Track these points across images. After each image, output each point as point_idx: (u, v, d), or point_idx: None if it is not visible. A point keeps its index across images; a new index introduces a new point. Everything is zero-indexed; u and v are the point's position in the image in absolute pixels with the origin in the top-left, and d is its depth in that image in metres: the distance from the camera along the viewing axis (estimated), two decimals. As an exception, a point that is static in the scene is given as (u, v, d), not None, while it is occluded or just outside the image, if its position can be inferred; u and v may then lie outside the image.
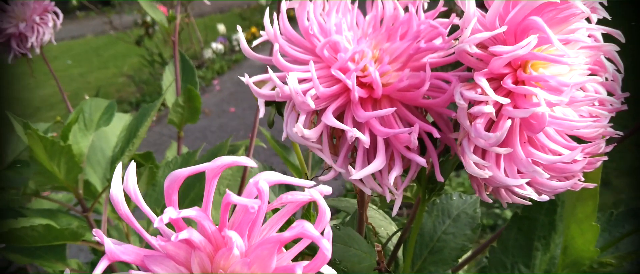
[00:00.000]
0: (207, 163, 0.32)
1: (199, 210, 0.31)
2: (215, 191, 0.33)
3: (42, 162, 0.69)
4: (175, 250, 0.31)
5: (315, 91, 0.42)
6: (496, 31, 0.40)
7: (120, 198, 0.32)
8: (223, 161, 0.32)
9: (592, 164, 0.46)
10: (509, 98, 0.42)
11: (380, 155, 0.43)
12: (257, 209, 0.31)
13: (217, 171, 0.32)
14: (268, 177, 0.32)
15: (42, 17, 1.17)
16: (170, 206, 0.32)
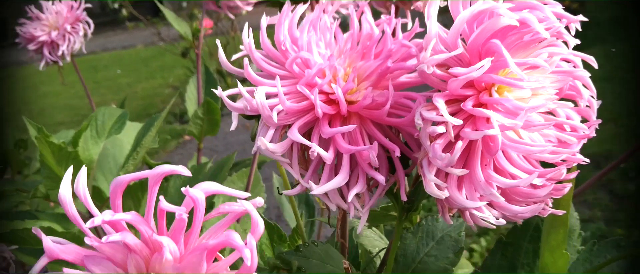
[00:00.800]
0: (148, 171, 0.34)
1: (136, 214, 0.33)
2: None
3: (51, 166, 0.72)
4: (113, 252, 0.33)
5: (281, 105, 0.43)
6: (453, 53, 0.40)
7: (68, 199, 0.34)
8: (162, 169, 0.33)
9: (559, 191, 0.46)
10: (470, 120, 0.42)
11: (342, 172, 0.44)
12: (195, 216, 0.33)
13: (157, 179, 0.34)
14: (206, 187, 0.34)
15: (74, 26, 1.22)
16: (115, 209, 0.34)
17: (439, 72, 0.42)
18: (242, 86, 0.44)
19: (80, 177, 0.34)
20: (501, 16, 0.39)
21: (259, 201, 0.34)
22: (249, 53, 0.47)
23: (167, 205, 0.31)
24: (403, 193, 0.47)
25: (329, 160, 0.44)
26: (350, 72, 0.47)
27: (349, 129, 0.43)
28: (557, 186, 0.46)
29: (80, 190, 0.34)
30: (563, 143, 0.46)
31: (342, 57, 0.49)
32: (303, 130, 0.46)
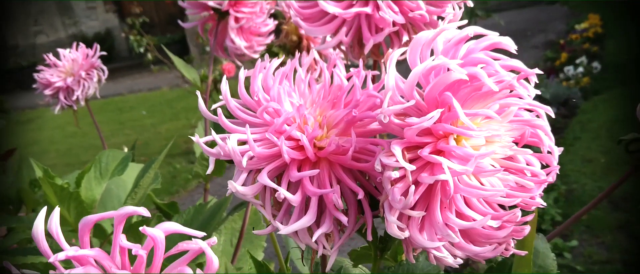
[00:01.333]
0: (114, 211, 0.37)
1: (100, 251, 0.36)
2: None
3: (53, 205, 0.76)
4: (79, 286, 0.36)
5: (251, 151, 0.47)
6: (406, 105, 0.43)
7: (41, 237, 0.37)
8: (125, 210, 0.36)
9: (519, 232, 0.48)
10: (428, 166, 0.45)
11: (309, 213, 0.47)
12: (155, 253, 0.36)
13: (121, 219, 0.37)
14: (165, 227, 0.37)
15: (89, 73, 1.27)
16: (82, 245, 0.37)
17: (397, 121, 0.45)
18: (216, 133, 0.48)
19: (54, 216, 0.37)
20: (452, 71, 0.42)
21: (212, 241, 0.37)
22: (225, 102, 0.50)
23: (125, 242, 0.34)
24: (369, 234, 0.49)
25: (295, 202, 0.47)
26: (321, 120, 0.50)
27: (313, 173, 0.46)
28: (516, 227, 0.48)
29: (52, 227, 0.37)
30: (523, 187, 0.48)
31: (313, 106, 0.52)
32: (274, 174, 0.50)
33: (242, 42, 1.21)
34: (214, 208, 0.89)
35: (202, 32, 1.26)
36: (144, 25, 6.88)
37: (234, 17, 1.19)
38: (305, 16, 0.57)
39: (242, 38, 1.22)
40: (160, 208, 1.18)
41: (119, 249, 0.36)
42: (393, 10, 0.53)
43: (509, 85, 0.45)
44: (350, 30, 0.56)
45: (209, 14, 1.23)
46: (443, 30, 0.47)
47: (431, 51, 0.47)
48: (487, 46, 0.47)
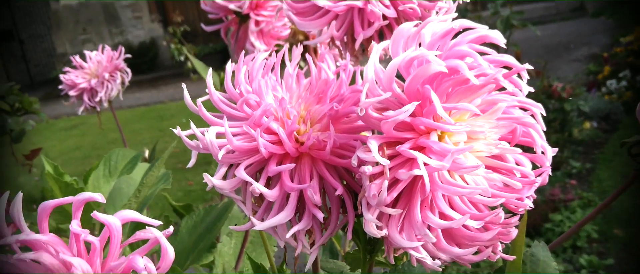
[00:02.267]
0: (72, 197, 0.36)
1: (53, 236, 0.35)
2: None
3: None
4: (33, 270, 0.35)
5: (230, 144, 0.46)
6: (382, 97, 0.42)
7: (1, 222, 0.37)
8: (83, 196, 0.36)
9: (506, 235, 0.46)
10: (408, 162, 0.43)
11: (287, 209, 0.46)
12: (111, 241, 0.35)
13: (79, 205, 0.36)
14: (123, 215, 0.36)
15: (112, 75, 1.29)
16: (41, 231, 0.37)
17: (375, 115, 0.43)
18: (195, 126, 0.47)
19: (16, 200, 0.37)
20: (431, 63, 0.41)
21: (169, 231, 0.36)
22: (209, 95, 0.50)
23: (76, 228, 0.33)
24: (349, 233, 0.48)
25: (271, 197, 0.45)
26: (304, 115, 0.49)
27: (289, 168, 0.45)
28: (502, 230, 0.46)
29: (14, 212, 0.37)
30: (510, 188, 0.46)
31: (299, 100, 0.51)
32: (256, 169, 0.49)
33: (262, 45, 1.21)
34: (221, 209, 0.89)
35: (224, 36, 1.26)
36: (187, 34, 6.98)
37: (255, 20, 1.19)
38: (298, 10, 0.56)
39: (262, 41, 1.21)
40: (177, 209, 1.18)
41: (74, 237, 0.35)
42: (383, 3, 0.52)
43: (494, 79, 0.43)
44: (342, 24, 0.55)
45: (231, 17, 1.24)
46: (428, 23, 0.45)
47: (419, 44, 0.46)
48: (474, 39, 0.45)
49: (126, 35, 11.23)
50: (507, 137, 0.48)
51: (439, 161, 0.41)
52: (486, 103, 0.46)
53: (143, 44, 10.96)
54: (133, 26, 11.36)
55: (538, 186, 0.48)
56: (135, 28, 11.35)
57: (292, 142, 0.47)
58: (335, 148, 0.48)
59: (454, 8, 0.54)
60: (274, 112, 0.48)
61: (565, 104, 3.34)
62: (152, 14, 11.44)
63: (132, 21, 11.36)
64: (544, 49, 6.61)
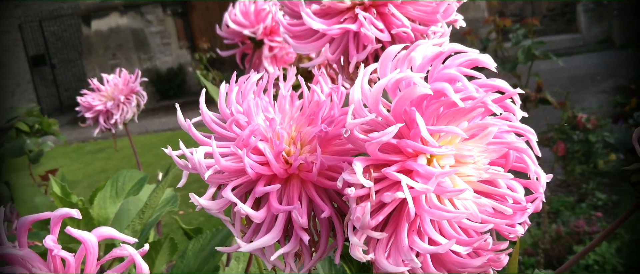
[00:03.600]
0: (50, 213, 0.36)
1: (30, 252, 0.35)
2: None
3: (65, 221, 0.77)
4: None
5: (217, 165, 0.46)
6: (366, 118, 0.41)
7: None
8: (60, 212, 0.36)
9: (497, 262, 0.45)
10: (395, 185, 0.43)
11: (273, 231, 0.46)
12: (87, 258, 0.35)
13: (56, 220, 0.36)
14: (100, 232, 0.36)
15: (128, 98, 1.30)
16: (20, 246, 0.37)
17: (362, 137, 0.43)
18: (185, 147, 0.47)
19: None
20: (416, 85, 0.41)
21: (144, 249, 0.36)
22: (201, 114, 0.50)
23: (49, 244, 0.34)
24: (337, 256, 0.47)
25: (257, 218, 0.45)
26: (295, 136, 0.49)
27: (274, 189, 0.45)
28: (493, 257, 0.45)
29: None
30: (500, 213, 0.45)
31: (291, 122, 0.51)
32: (245, 190, 0.49)
33: (275, 70, 1.22)
34: (227, 231, 0.88)
35: (239, 61, 1.27)
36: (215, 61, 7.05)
37: (268, 46, 1.20)
38: (294, 33, 0.56)
39: (276, 66, 1.22)
40: (188, 233, 1.18)
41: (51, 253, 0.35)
42: (376, 27, 0.52)
43: (482, 103, 0.43)
44: (337, 47, 0.55)
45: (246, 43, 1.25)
46: (417, 45, 0.45)
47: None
48: (464, 63, 0.45)
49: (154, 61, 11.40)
50: (500, 162, 0.48)
51: (423, 184, 0.40)
52: (477, 127, 0.45)
53: (171, 70, 11.11)
54: (161, 52, 11.53)
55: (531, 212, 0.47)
56: (164, 54, 11.53)
57: (280, 163, 0.47)
58: (324, 170, 0.48)
59: (449, 32, 0.54)
60: (263, 133, 0.48)
61: (590, 135, 3.29)
62: (181, 40, 11.62)
63: (160, 47, 11.54)
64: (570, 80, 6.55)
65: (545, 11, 10.52)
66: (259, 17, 1.14)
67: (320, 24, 0.53)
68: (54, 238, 0.35)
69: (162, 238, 0.86)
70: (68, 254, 0.34)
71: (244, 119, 0.48)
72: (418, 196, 0.41)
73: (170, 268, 1.11)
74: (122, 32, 11.02)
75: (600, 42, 8.90)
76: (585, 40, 9.25)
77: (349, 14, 0.55)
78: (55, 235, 0.37)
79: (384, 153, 0.43)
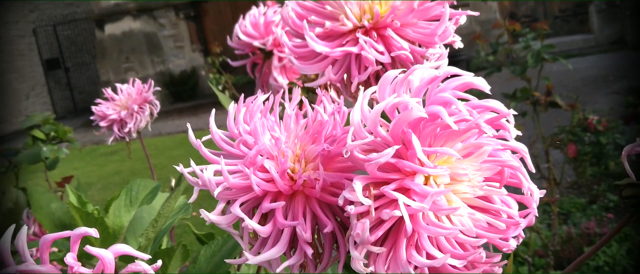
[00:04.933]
0: (70, 231, 0.39)
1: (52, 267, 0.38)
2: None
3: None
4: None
5: (226, 182, 0.49)
6: (365, 140, 0.44)
7: (6, 252, 0.40)
8: (79, 231, 0.39)
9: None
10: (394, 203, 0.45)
11: (279, 244, 0.48)
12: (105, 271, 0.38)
13: (76, 238, 0.39)
14: (116, 249, 0.39)
15: (141, 107, 1.34)
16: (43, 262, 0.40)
17: (362, 157, 0.45)
18: (195, 164, 0.50)
19: (21, 234, 0.40)
20: (411, 109, 0.43)
21: (157, 264, 0.39)
22: (211, 133, 0.53)
23: (70, 261, 0.36)
24: (340, 268, 0.50)
25: (263, 233, 0.48)
26: (299, 154, 0.52)
27: (279, 205, 0.47)
28: (487, 269, 0.48)
29: (19, 244, 0.40)
30: (494, 228, 0.48)
31: (296, 140, 0.53)
32: (252, 205, 0.51)
33: (284, 80, 1.24)
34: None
35: (250, 71, 1.30)
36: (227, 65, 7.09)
37: (278, 57, 1.23)
38: (299, 55, 0.59)
39: (285, 76, 1.25)
40: (200, 238, 1.21)
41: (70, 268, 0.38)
42: (376, 49, 0.54)
43: (476, 125, 0.45)
44: (340, 68, 0.57)
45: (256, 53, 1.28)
46: (414, 70, 0.48)
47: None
48: (458, 86, 0.47)
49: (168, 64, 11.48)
50: (496, 178, 0.50)
51: (419, 202, 0.43)
52: (472, 147, 0.48)
53: (184, 73, 11.19)
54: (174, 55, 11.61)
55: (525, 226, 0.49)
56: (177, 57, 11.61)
57: (285, 180, 0.49)
58: (327, 186, 0.50)
59: (446, 54, 0.56)
60: (270, 151, 0.51)
61: (601, 137, 3.29)
62: (194, 44, 11.70)
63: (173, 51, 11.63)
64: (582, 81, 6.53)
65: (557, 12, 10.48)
66: (269, 29, 1.17)
67: (323, 47, 0.56)
68: (74, 255, 0.38)
69: (175, 245, 0.89)
70: (87, 271, 0.37)
71: (251, 139, 0.51)
72: (416, 213, 0.44)
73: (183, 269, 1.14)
74: (135, 35, 11.11)
75: (613, 42, 8.86)
76: (597, 41, 9.21)
77: (351, 36, 0.57)
78: (74, 252, 0.39)
79: (383, 172, 0.46)
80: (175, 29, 11.51)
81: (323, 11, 0.59)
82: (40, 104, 12.15)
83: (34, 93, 12.06)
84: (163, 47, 11.47)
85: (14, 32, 11.71)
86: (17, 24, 11.88)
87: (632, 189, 0.53)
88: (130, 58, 11.23)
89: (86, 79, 12.82)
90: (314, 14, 0.59)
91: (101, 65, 11.26)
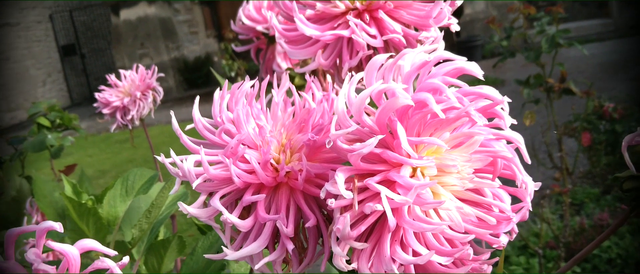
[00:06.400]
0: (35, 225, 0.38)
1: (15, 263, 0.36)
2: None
3: (75, 220, 0.79)
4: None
5: (206, 173, 0.47)
6: (347, 130, 0.42)
7: None
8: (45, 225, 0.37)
9: (480, 271, 0.45)
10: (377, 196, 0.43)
11: (260, 239, 0.46)
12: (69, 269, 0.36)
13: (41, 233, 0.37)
14: (82, 245, 0.37)
15: (144, 94, 1.32)
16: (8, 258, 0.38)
17: (345, 147, 0.43)
18: (175, 154, 0.48)
19: None
20: (397, 96, 0.41)
21: (123, 262, 0.37)
22: (194, 123, 0.51)
23: (32, 257, 0.35)
24: (323, 264, 0.47)
25: (243, 227, 0.46)
26: (285, 144, 0.49)
27: (260, 198, 0.45)
28: (476, 266, 0.45)
29: None
30: (484, 223, 0.45)
31: (282, 129, 0.51)
32: (235, 197, 0.49)
33: (288, 65, 1.22)
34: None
35: (254, 56, 1.28)
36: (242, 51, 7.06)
37: (281, 42, 1.20)
38: (289, 39, 0.57)
39: (289, 62, 1.23)
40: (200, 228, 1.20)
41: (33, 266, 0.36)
42: (368, 33, 0.52)
43: (466, 113, 0.43)
44: (331, 53, 0.55)
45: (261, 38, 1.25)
46: (404, 54, 0.45)
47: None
48: (449, 71, 0.44)
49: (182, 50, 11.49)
50: (488, 170, 0.47)
51: (403, 196, 0.40)
52: (463, 136, 0.45)
53: (198, 59, 11.20)
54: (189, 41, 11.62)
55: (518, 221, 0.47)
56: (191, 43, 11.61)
57: (268, 171, 0.47)
58: (313, 178, 0.48)
59: (441, 37, 0.54)
60: (254, 140, 0.49)
61: (617, 125, 3.23)
62: (208, 29, 11.69)
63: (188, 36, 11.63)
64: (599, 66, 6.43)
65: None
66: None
67: (313, 30, 0.54)
68: (37, 251, 0.36)
69: (171, 236, 0.87)
70: (49, 267, 0.35)
71: (235, 128, 0.48)
72: (400, 207, 0.42)
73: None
74: (151, 21, 11.11)
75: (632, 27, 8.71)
76: (616, 25, 9.06)
77: (343, 19, 0.55)
78: (40, 248, 0.38)
79: (369, 163, 0.43)
80: (190, 14, 11.51)
81: (314, -7, 0.56)
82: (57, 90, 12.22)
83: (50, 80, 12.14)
84: (178, 32, 11.47)
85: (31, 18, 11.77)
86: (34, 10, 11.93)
87: (632, 182, 0.50)
88: (145, 44, 11.25)
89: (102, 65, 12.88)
90: (305, -5, 0.57)
91: (116, 51, 11.29)
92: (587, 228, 2.69)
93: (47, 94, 11.65)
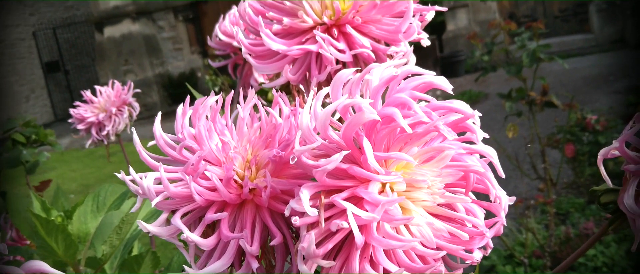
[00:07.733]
0: None
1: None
2: None
3: (43, 237, 0.77)
4: None
5: (167, 191, 0.45)
6: (311, 146, 0.40)
7: None
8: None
9: (453, 289, 0.44)
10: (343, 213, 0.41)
11: (224, 257, 0.45)
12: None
13: None
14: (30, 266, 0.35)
15: (120, 109, 1.30)
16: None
17: (310, 163, 0.42)
18: (134, 171, 0.46)
19: None
20: (363, 111, 0.39)
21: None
22: (155, 139, 0.49)
23: None
24: (292, 283, 0.46)
25: (205, 246, 0.44)
26: (250, 160, 0.48)
27: (221, 217, 0.44)
28: (446, 283, 0.44)
29: None
30: (457, 238, 0.44)
31: (247, 145, 0.49)
32: (197, 215, 0.48)
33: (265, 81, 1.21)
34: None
35: (231, 71, 1.27)
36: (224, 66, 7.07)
37: (258, 57, 1.19)
38: (256, 53, 0.55)
39: (266, 77, 1.21)
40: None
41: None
42: (336, 47, 0.51)
43: (434, 127, 0.42)
44: (300, 68, 0.54)
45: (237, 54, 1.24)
46: (371, 68, 0.44)
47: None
48: (418, 86, 0.43)
49: (167, 66, 11.45)
50: (461, 184, 0.46)
51: (371, 212, 0.39)
52: (434, 150, 0.44)
53: (182, 75, 11.15)
54: (173, 57, 11.58)
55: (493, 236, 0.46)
56: (176, 59, 11.58)
57: (231, 188, 0.46)
58: (279, 194, 0.47)
59: (411, 51, 0.53)
60: (218, 157, 0.47)
61: (600, 136, 3.25)
62: (193, 46, 11.67)
63: (172, 53, 11.60)
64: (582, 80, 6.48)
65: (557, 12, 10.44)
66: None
67: (280, 45, 0.52)
68: None
69: (144, 252, 0.85)
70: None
71: (193, 145, 0.47)
72: (369, 224, 0.40)
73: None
74: (134, 38, 11.07)
75: (613, 42, 8.81)
76: (598, 41, 9.16)
77: (311, 34, 0.54)
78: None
79: (336, 179, 0.42)
80: (174, 31, 11.49)
81: (282, 7, 0.55)
82: (40, 106, 12.13)
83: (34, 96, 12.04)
84: (162, 49, 11.44)
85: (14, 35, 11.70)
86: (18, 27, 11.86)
87: (610, 196, 0.49)
88: (129, 60, 11.19)
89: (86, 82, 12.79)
90: (273, 10, 0.55)
91: (100, 67, 11.23)
92: (572, 237, 2.70)
93: (31, 110, 11.55)
